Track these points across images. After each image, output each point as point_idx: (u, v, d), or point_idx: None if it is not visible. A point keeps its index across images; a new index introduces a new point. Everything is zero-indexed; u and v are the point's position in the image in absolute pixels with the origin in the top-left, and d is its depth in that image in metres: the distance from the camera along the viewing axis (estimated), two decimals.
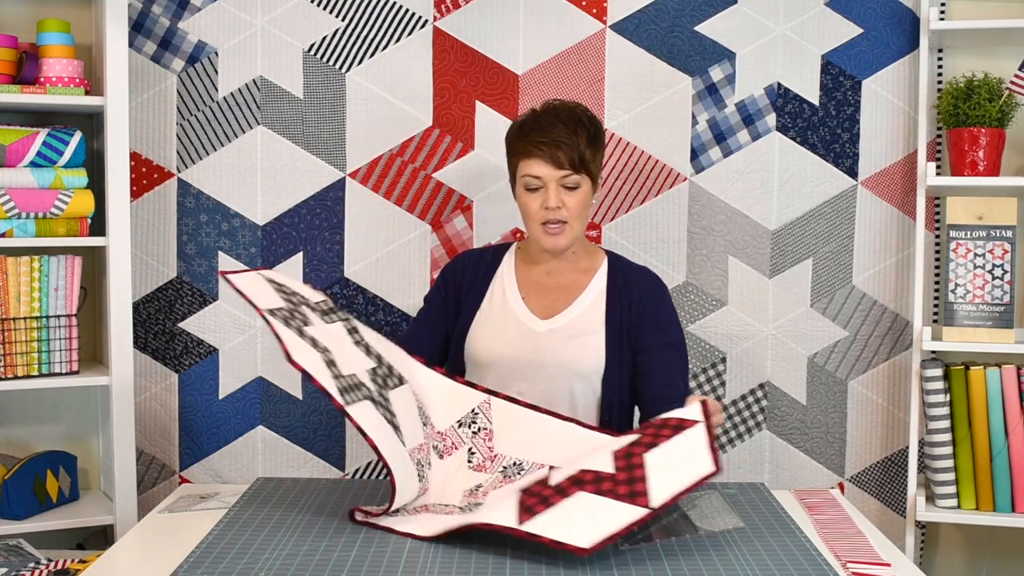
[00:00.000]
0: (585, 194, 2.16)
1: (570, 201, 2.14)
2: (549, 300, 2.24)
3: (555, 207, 2.13)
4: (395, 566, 1.58)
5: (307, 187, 2.70)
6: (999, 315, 2.56)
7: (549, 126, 2.14)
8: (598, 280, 2.25)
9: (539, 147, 2.13)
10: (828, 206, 2.74)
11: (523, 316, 2.23)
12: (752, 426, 2.78)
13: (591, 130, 2.16)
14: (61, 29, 2.44)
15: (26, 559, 2.21)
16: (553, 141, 2.12)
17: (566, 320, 2.21)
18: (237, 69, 2.66)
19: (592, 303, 2.23)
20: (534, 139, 2.14)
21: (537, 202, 2.15)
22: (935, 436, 2.57)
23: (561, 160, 2.12)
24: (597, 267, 2.27)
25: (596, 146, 2.17)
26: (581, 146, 2.13)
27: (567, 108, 2.19)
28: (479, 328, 2.25)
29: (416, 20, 2.70)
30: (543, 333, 2.19)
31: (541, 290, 2.26)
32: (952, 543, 2.84)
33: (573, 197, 2.15)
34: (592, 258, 2.29)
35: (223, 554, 1.62)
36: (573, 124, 2.14)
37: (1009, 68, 2.62)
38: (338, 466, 2.75)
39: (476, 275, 2.30)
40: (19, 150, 2.39)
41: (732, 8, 2.71)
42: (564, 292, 2.24)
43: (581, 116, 2.17)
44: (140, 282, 2.64)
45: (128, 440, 2.48)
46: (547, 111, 2.19)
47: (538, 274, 2.27)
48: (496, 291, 2.28)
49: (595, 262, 2.28)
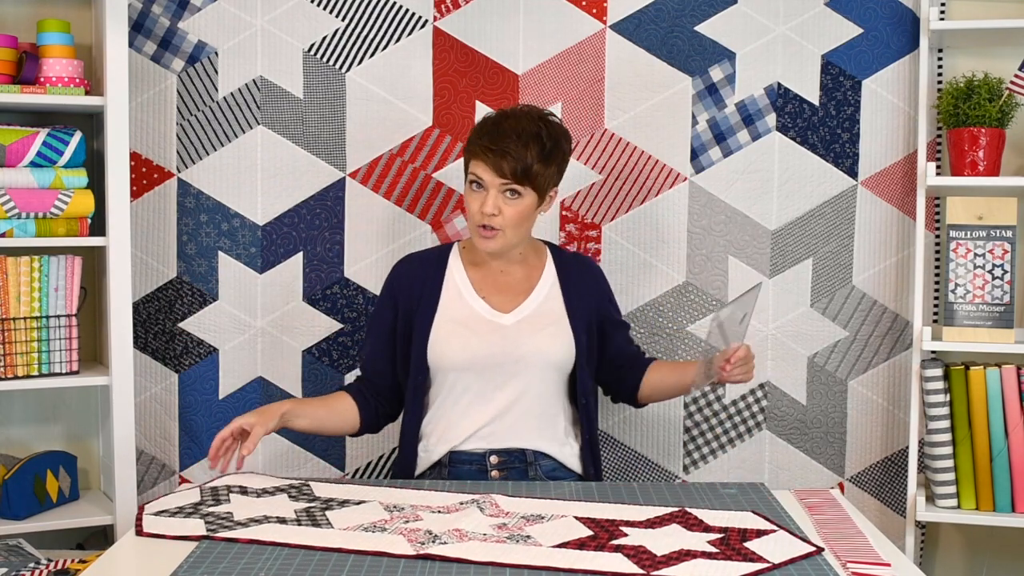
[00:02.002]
0: (526, 206, 2.19)
1: (508, 210, 2.17)
2: (507, 295, 2.29)
3: (490, 213, 2.17)
4: (395, 566, 1.58)
5: (307, 187, 2.70)
6: (999, 315, 2.56)
7: (502, 135, 2.16)
8: (548, 273, 2.33)
9: (487, 152, 2.16)
10: (828, 206, 2.74)
11: (486, 313, 2.26)
12: (752, 426, 2.78)
13: (546, 145, 2.17)
14: (61, 29, 2.44)
15: (26, 559, 2.21)
16: (500, 150, 2.14)
17: (529, 310, 2.27)
18: (237, 69, 2.66)
19: (548, 294, 2.30)
20: (485, 143, 2.17)
21: (477, 203, 2.20)
22: (935, 436, 2.57)
23: (504, 170, 2.15)
24: (544, 261, 2.35)
25: (548, 161, 2.18)
26: (528, 159, 2.14)
27: (529, 118, 2.20)
28: (443, 332, 2.25)
29: (416, 20, 2.70)
30: (511, 326, 2.23)
31: (497, 287, 2.30)
32: (952, 543, 2.84)
33: (512, 206, 2.17)
34: (539, 254, 2.37)
35: (223, 554, 1.62)
36: (527, 137, 2.16)
37: (1009, 68, 2.62)
38: (338, 466, 2.75)
39: (424, 280, 2.31)
40: (19, 150, 2.39)
41: (732, 8, 2.71)
42: (519, 286, 2.31)
43: (540, 130, 2.18)
44: (140, 282, 2.64)
45: (128, 440, 2.48)
46: (509, 116, 2.21)
47: (491, 272, 2.31)
48: (451, 293, 2.29)
49: (542, 257, 2.36)
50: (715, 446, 2.78)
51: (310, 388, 2.72)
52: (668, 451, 2.78)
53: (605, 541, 1.69)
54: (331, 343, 2.72)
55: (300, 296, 2.71)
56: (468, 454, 2.23)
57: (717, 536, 1.73)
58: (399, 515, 1.83)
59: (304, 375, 2.73)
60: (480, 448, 2.23)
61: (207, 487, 1.98)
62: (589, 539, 1.70)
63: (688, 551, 1.65)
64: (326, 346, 2.72)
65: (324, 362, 2.73)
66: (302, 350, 2.72)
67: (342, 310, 2.72)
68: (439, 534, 1.71)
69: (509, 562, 1.58)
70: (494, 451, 2.22)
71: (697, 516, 1.84)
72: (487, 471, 2.22)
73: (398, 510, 1.86)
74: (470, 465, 2.23)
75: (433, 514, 1.83)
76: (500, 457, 2.22)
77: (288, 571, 1.55)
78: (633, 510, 1.88)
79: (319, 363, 2.73)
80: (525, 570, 1.56)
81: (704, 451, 2.78)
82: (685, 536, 1.73)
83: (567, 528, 1.76)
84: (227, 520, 1.78)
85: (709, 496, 1.99)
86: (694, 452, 2.78)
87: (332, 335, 2.73)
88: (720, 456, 2.78)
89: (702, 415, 2.77)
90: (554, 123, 2.23)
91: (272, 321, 2.71)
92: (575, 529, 1.75)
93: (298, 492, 1.97)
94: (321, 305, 2.72)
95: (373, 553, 1.63)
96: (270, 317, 2.71)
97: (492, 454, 2.22)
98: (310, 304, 2.72)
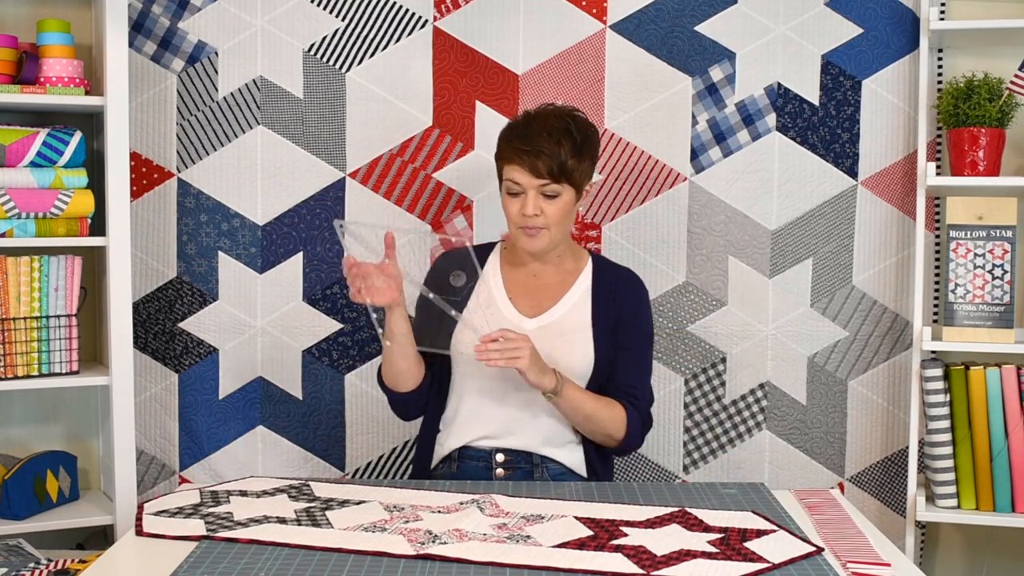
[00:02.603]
0: (566, 202, 2.17)
1: (549, 209, 2.16)
2: (535, 300, 2.26)
3: (532, 214, 2.15)
4: (395, 566, 1.58)
5: (307, 187, 2.70)
6: (999, 315, 2.56)
7: (534, 134, 2.14)
8: (583, 280, 2.28)
9: (520, 155, 2.14)
10: (828, 206, 2.74)
11: (511, 316, 2.25)
12: (752, 426, 2.78)
13: (577, 140, 2.16)
14: (61, 29, 2.44)
15: (26, 559, 2.21)
16: (535, 150, 2.13)
17: (553, 318, 2.23)
18: (237, 69, 2.66)
19: (577, 302, 2.25)
20: (517, 145, 2.15)
21: (517, 207, 2.17)
22: (935, 436, 2.57)
23: (540, 170, 2.13)
24: (582, 268, 2.30)
25: (581, 155, 2.17)
26: (563, 156, 2.13)
27: (557, 115, 2.19)
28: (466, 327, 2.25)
29: (416, 20, 2.70)
30: (531, 332, 2.20)
31: (527, 291, 2.27)
32: (952, 543, 2.84)
33: (552, 205, 2.16)
34: (577, 260, 2.31)
35: (223, 554, 1.62)
36: (558, 134, 2.14)
37: (1009, 68, 2.62)
38: (338, 466, 2.75)
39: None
40: (19, 150, 2.39)
41: (732, 8, 2.71)
42: (549, 291, 2.27)
43: (569, 125, 2.17)
44: (140, 282, 2.64)
45: (128, 440, 2.48)
46: (536, 117, 2.19)
47: (524, 275, 2.29)
48: (482, 291, 2.28)
49: (580, 263, 2.31)
50: (715, 446, 2.78)
51: (310, 388, 2.72)
52: (668, 451, 2.78)
53: (605, 541, 1.69)
54: (331, 343, 2.72)
55: (300, 296, 2.71)
56: (476, 451, 2.24)
57: (717, 536, 1.73)
58: (399, 515, 1.82)
59: (304, 375, 2.73)
60: (488, 446, 2.23)
61: (207, 490, 1.99)
62: (589, 539, 1.70)
63: (688, 551, 1.65)
64: (326, 346, 2.72)
65: (324, 362, 2.73)
66: (302, 350, 2.72)
67: (342, 310, 2.72)
68: (439, 534, 1.71)
69: (509, 562, 1.58)
70: (500, 450, 2.22)
71: (697, 516, 1.84)
72: (492, 469, 2.22)
73: (398, 510, 1.86)
74: (477, 462, 2.23)
75: (433, 514, 1.83)
76: (507, 456, 2.22)
77: (288, 571, 1.55)
78: (633, 510, 1.88)
79: (319, 363, 2.73)
80: (525, 570, 1.56)
81: (704, 451, 2.78)
82: (685, 536, 1.72)
83: (567, 528, 1.76)
84: (227, 520, 1.78)
85: (709, 496, 1.99)
86: (694, 452, 2.78)
87: (332, 335, 2.73)
88: (720, 456, 2.78)
89: (702, 415, 2.78)
90: (580, 117, 2.22)
91: (272, 321, 2.71)
92: (575, 529, 1.75)
93: (298, 492, 1.97)
94: (321, 305, 2.72)
95: (373, 553, 1.62)
96: (270, 317, 2.71)
97: (498, 452, 2.22)
98: (310, 304, 2.72)
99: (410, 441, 2.76)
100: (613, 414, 2.20)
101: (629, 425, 2.21)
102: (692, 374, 2.76)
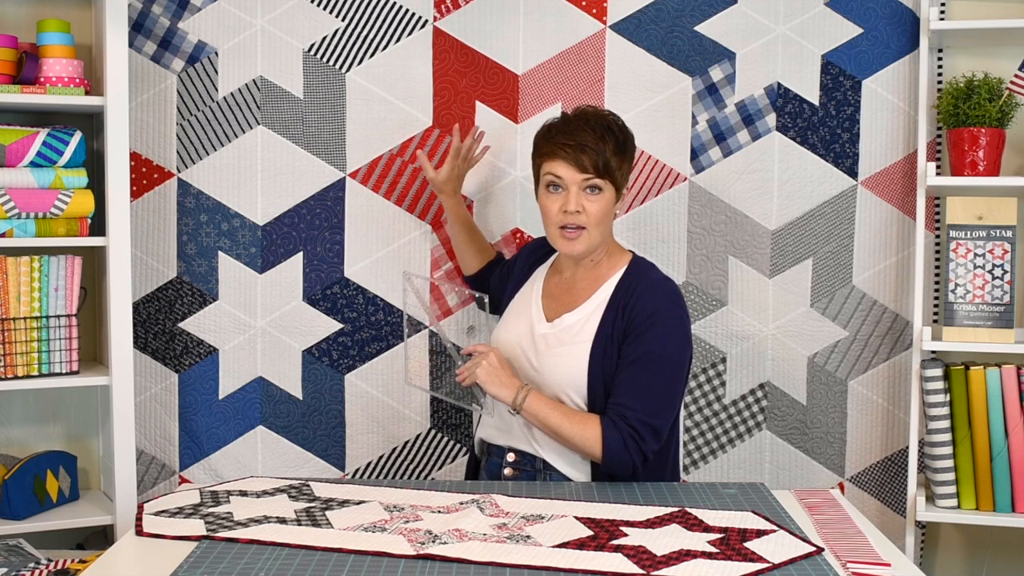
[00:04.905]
0: (607, 201, 2.15)
1: (591, 207, 2.13)
2: (560, 302, 2.25)
3: (574, 211, 2.12)
4: (395, 566, 1.58)
5: (307, 187, 2.70)
6: (999, 315, 2.56)
7: (577, 130, 2.14)
8: (608, 286, 2.21)
9: (564, 148, 2.12)
10: (828, 206, 2.74)
11: (535, 316, 2.25)
12: (752, 426, 2.78)
13: (619, 138, 2.16)
14: (61, 29, 2.44)
15: (26, 559, 2.21)
16: (579, 144, 2.11)
17: (564, 324, 2.21)
18: (237, 69, 2.66)
19: (591, 312, 2.19)
20: (560, 140, 2.14)
21: (557, 204, 2.14)
22: (935, 436, 2.57)
23: (585, 164, 2.11)
24: (613, 273, 2.22)
25: (623, 155, 2.17)
26: (607, 152, 2.12)
27: (599, 115, 2.19)
28: (502, 321, 2.33)
29: (416, 20, 2.70)
30: (541, 335, 2.20)
31: (558, 291, 2.27)
32: (952, 543, 2.84)
33: (594, 203, 2.13)
34: (612, 264, 2.24)
35: (223, 554, 1.62)
36: (601, 130, 2.14)
37: (1009, 68, 2.62)
38: (338, 466, 2.75)
39: (529, 267, 2.38)
40: (19, 150, 2.39)
41: (732, 8, 2.71)
42: (573, 296, 2.24)
43: (611, 124, 2.17)
44: (140, 282, 2.65)
45: (128, 440, 2.48)
46: (578, 116, 2.19)
47: (562, 275, 2.29)
48: (526, 288, 2.32)
49: (613, 268, 2.23)
50: (715, 446, 2.78)
51: (310, 388, 2.72)
52: None
53: (605, 541, 1.69)
54: (331, 343, 2.73)
55: (300, 296, 2.71)
56: (495, 447, 2.26)
57: (717, 536, 1.73)
58: (399, 515, 1.83)
59: (304, 375, 2.73)
60: (503, 443, 2.23)
61: (207, 490, 1.99)
62: (589, 539, 1.70)
63: (688, 551, 1.65)
64: (326, 346, 2.72)
65: (324, 362, 2.73)
66: (302, 350, 2.72)
67: (342, 310, 2.72)
68: (439, 534, 1.71)
69: (509, 562, 1.58)
70: (512, 449, 2.22)
71: (697, 516, 1.84)
72: (502, 467, 2.22)
73: (398, 510, 1.86)
74: (494, 458, 2.25)
75: (433, 514, 1.83)
76: (516, 456, 2.21)
77: (288, 571, 1.55)
78: (633, 510, 1.88)
79: (319, 363, 2.73)
80: (525, 570, 1.56)
81: (704, 451, 2.78)
82: (685, 536, 1.73)
83: (567, 528, 1.76)
84: (227, 520, 1.78)
85: (709, 496, 1.99)
86: (694, 452, 2.78)
87: (332, 335, 2.73)
88: (720, 456, 2.79)
89: (702, 415, 2.78)
90: (620, 120, 2.22)
91: (272, 321, 2.71)
92: (575, 529, 1.75)
93: (298, 492, 1.97)
94: (321, 305, 2.72)
95: (373, 553, 1.63)
96: (270, 317, 2.71)
97: (510, 451, 2.22)
98: (310, 304, 2.72)
99: (410, 441, 2.76)
100: (584, 432, 2.08)
101: (606, 443, 2.07)
102: (692, 374, 2.76)
